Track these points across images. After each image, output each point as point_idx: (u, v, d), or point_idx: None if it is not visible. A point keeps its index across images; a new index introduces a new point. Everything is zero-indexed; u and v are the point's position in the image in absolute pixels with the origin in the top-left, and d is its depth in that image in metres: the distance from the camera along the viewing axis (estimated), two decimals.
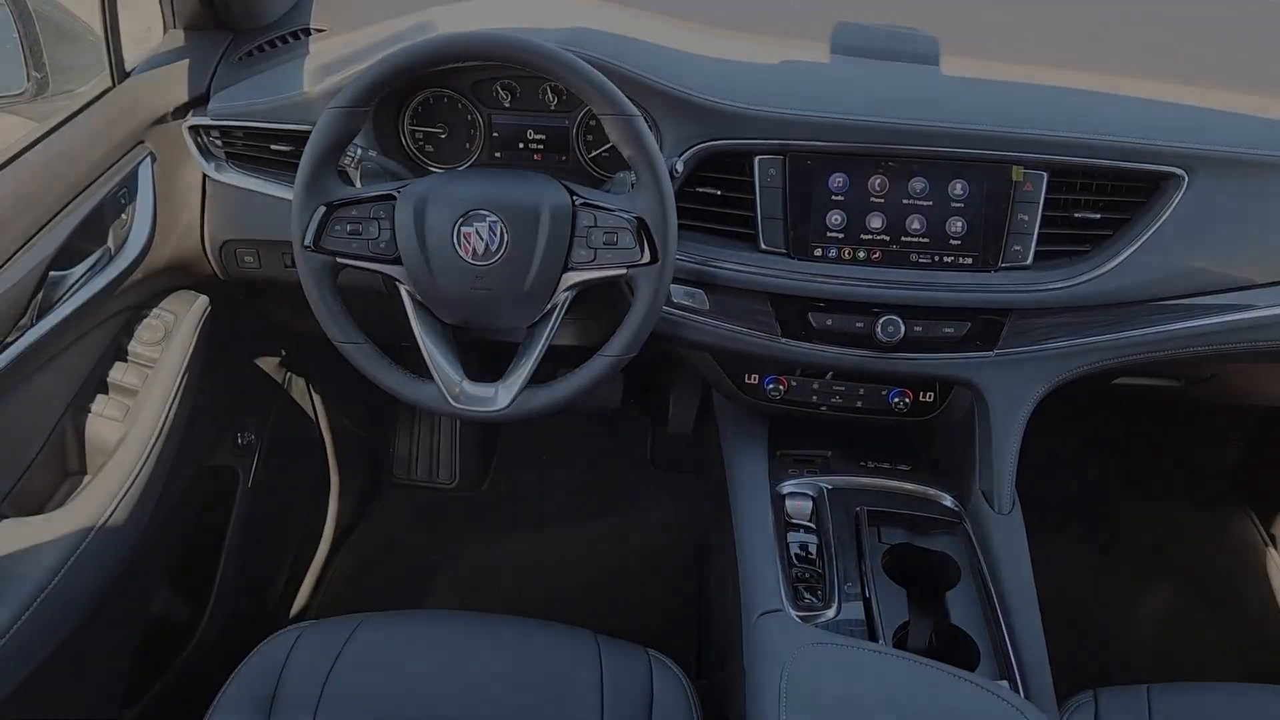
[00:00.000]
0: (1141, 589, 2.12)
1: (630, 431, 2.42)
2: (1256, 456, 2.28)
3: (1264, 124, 1.31)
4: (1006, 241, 1.26)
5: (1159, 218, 1.26)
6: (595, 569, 2.14)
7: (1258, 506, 2.24)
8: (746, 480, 1.39)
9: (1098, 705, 1.19)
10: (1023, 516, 1.32)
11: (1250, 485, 2.28)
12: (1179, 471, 2.36)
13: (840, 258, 1.29)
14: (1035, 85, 1.35)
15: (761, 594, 1.18)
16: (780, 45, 1.41)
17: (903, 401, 1.42)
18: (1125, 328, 1.30)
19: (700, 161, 1.27)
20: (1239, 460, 2.32)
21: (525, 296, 1.17)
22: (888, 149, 1.25)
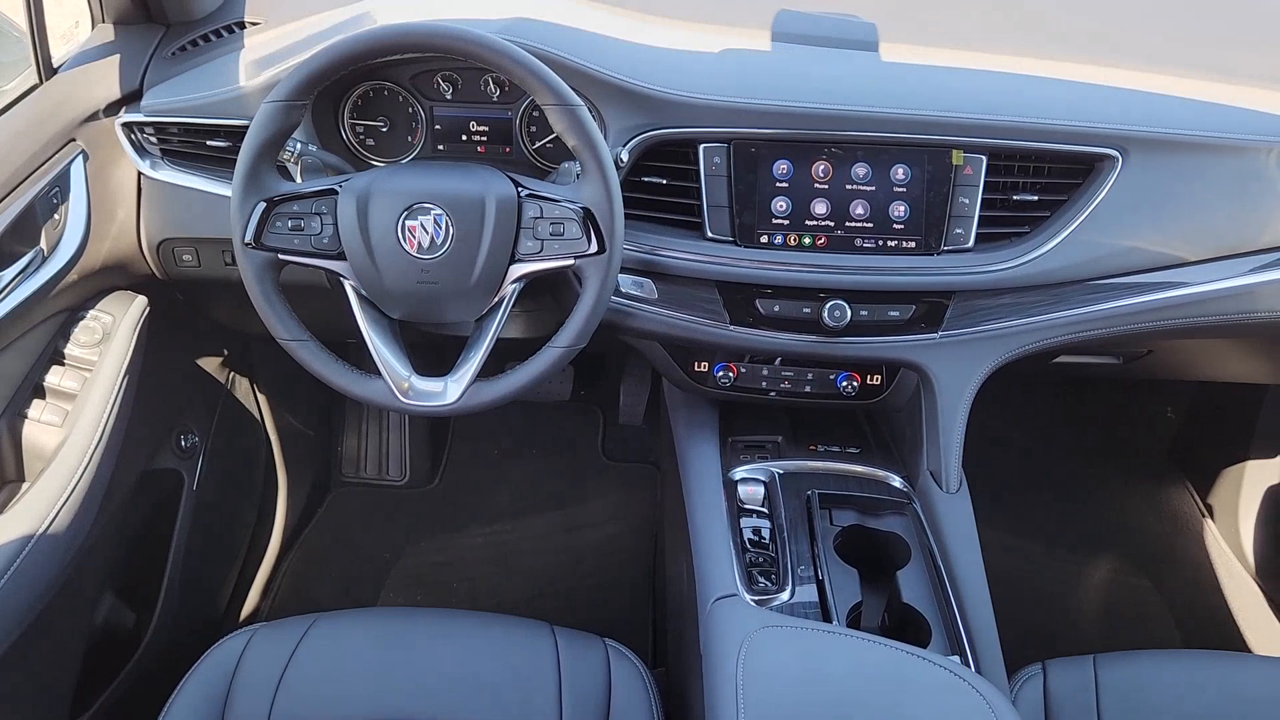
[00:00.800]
0: (1086, 562, 2.17)
1: (581, 423, 2.42)
2: (1192, 430, 2.34)
3: (1196, 106, 1.34)
4: (948, 225, 1.28)
5: (1095, 198, 1.29)
6: (549, 561, 2.14)
7: (1194, 478, 2.31)
8: (698, 467, 1.40)
9: (1046, 676, 1.22)
10: (970, 495, 1.35)
11: (1186, 458, 2.34)
12: (1118, 446, 2.42)
13: (786, 244, 1.30)
14: (973, 70, 1.37)
15: (716, 579, 1.19)
16: (721, 33, 1.42)
17: (851, 385, 1.43)
18: (1065, 307, 1.33)
19: (645, 151, 1.27)
20: (1175, 434, 2.38)
21: (472, 289, 1.16)
22: (830, 135, 1.26)
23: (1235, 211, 1.32)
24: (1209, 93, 1.36)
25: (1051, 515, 2.26)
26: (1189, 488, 2.31)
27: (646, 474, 2.31)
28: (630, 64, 1.28)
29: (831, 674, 0.98)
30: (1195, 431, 2.33)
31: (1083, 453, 2.42)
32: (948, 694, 0.96)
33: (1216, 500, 2.23)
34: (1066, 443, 2.44)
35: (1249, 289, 1.34)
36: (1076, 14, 1.63)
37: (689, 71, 1.30)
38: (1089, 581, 2.14)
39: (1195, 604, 2.07)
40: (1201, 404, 2.30)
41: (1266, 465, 2.09)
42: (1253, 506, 2.12)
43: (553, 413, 2.43)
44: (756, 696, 0.92)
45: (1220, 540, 2.19)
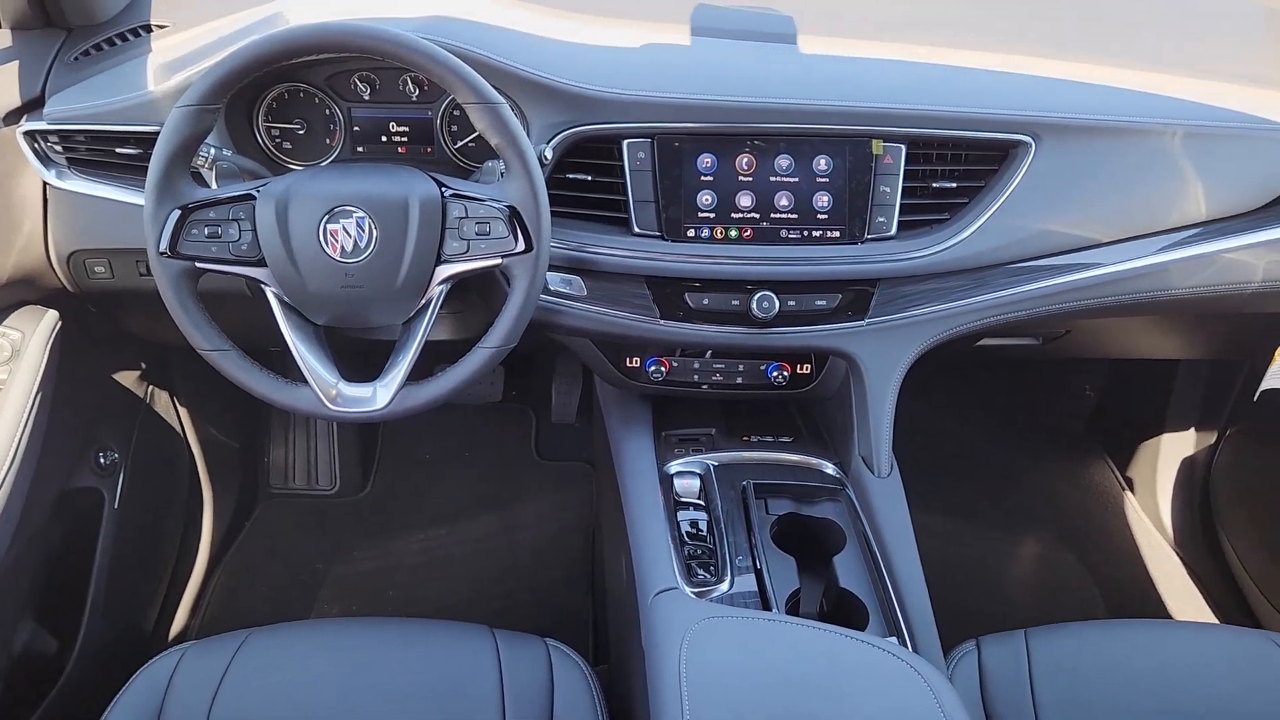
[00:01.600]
0: (1014, 539, 2.22)
1: (514, 423, 2.41)
2: (1110, 406, 2.41)
3: (1105, 91, 1.38)
4: (871, 213, 1.30)
5: (1010, 184, 1.32)
6: (487, 564, 2.12)
7: (1113, 453, 2.38)
8: (634, 463, 1.40)
9: (980, 652, 1.25)
10: (901, 479, 1.37)
11: (1105, 433, 2.42)
12: (1041, 425, 2.49)
13: (713, 237, 1.30)
14: (891, 61, 1.40)
15: (655, 574, 1.19)
16: (642, 29, 1.41)
17: (781, 375, 1.45)
18: (986, 291, 1.36)
19: (569, 147, 1.27)
20: (1094, 410, 2.46)
21: (398, 292, 1.15)
22: (753, 128, 1.27)
23: (1144, 193, 1.36)
24: (1117, 78, 1.40)
25: (980, 495, 2.31)
26: (1109, 462, 2.38)
27: (582, 472, 2.30)
28: (552, 61, 1.27)
29: (773, 661, 0.98)
30: (1113, 407, 2.41)
31: (1007, 433, 2.48)
32: (886, 674, 0.98)
33: (1135, 473, 2.30)
34: (991, 423, 2.50)
35: (1159, 267, 1.38)
36: (990, 5, 1.67)
37: (611, 67, 1.30)
38: (1018, 558, 2.20)
39: (1119, 575, 2.13)
40: (1118, 381, 2.38)
41: (1181, 437, 2.17)
42: (1169, 478, 2.19)
43: (484, 414, 2.41)
44: (700, 688, 0.93)
45: (1140, 512, 2.26)
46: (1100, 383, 2.43)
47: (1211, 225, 1.40)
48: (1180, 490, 2.17)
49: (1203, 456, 2.12)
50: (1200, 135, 1.36)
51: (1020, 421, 2.50)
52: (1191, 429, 2.15)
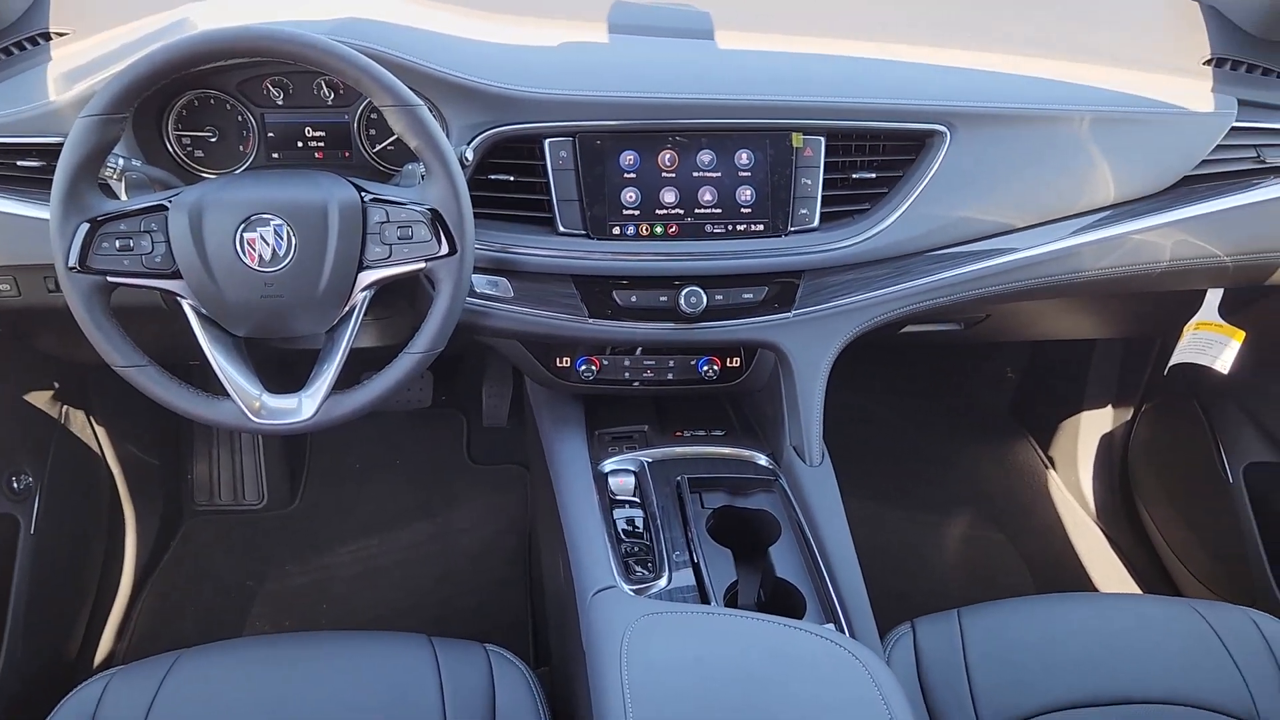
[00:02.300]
0: (944, 522, 2.27)
1: (444, 429, 2.38)
2: (1030, 387, 2.48)
3: (1016, 80, 1.42)
4: (793, 206, 1.31)
5: (928, 173, 1.34)
6: (423, 571, 2.10)
7: (1035, 432, 2.44)
8: (568, 463, 1.40)
9: (915, 634, 1.27)
10: (833, 466, 1.39)
11: (1027, 414, 2.48)
12: (965, 408, 2.54)
13: (638, 234, 1.30)
14: (808, 55, 1.41)
15: (593, 573, 1.19)
16: (559, 28, 1.41)
17: (711, 369, 1.46)
18: (908, 278, 1.38)
19: (490, 148, 1.26)
20: (1016, 392, 2.52)
21: (320, 300, 1.12)
22: (674, 124, 1.28)
23: (1055, 178, 1.40)
24: (1028, 67, 1.44)
25: (909, 479, 2.36)
26: (1031, 442, 2.45)
27: (515, 475, 2.29)
28: (469, 61, 1.26)
29: (713, 654, 0.99)
30: (1033, 388, 2.47)
31: (933, 417, 2.53)
32: (825, 660, 0.99)
33: (1057, 451, 2.36)
34: (918, 409, 2.54)
35: (1072, 250, 1.42)
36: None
37: (529, 67, 1.29)
38: (948, 539, 2.24)
39: (1045, 551, 2.19)
40: (1037, 362, 2.44)
41: (1099, 415, 2.24)
42: (1089, 454, 2.26)
43: (414, 420, 2.38)
44: (642, 685, 0.93)
45: (1063, 488, 2.33)
46: (1021, 365, 2.49)
47: (1120, 208, 1.44)
48: (1100, 466, 2.24)
49: (1120, 432, 2.19)
50: (1107, 121, 1.40)
51: (945, 405, 2.55)
52: (1109, 406, 2.22)
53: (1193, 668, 1.21)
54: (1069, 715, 1.16)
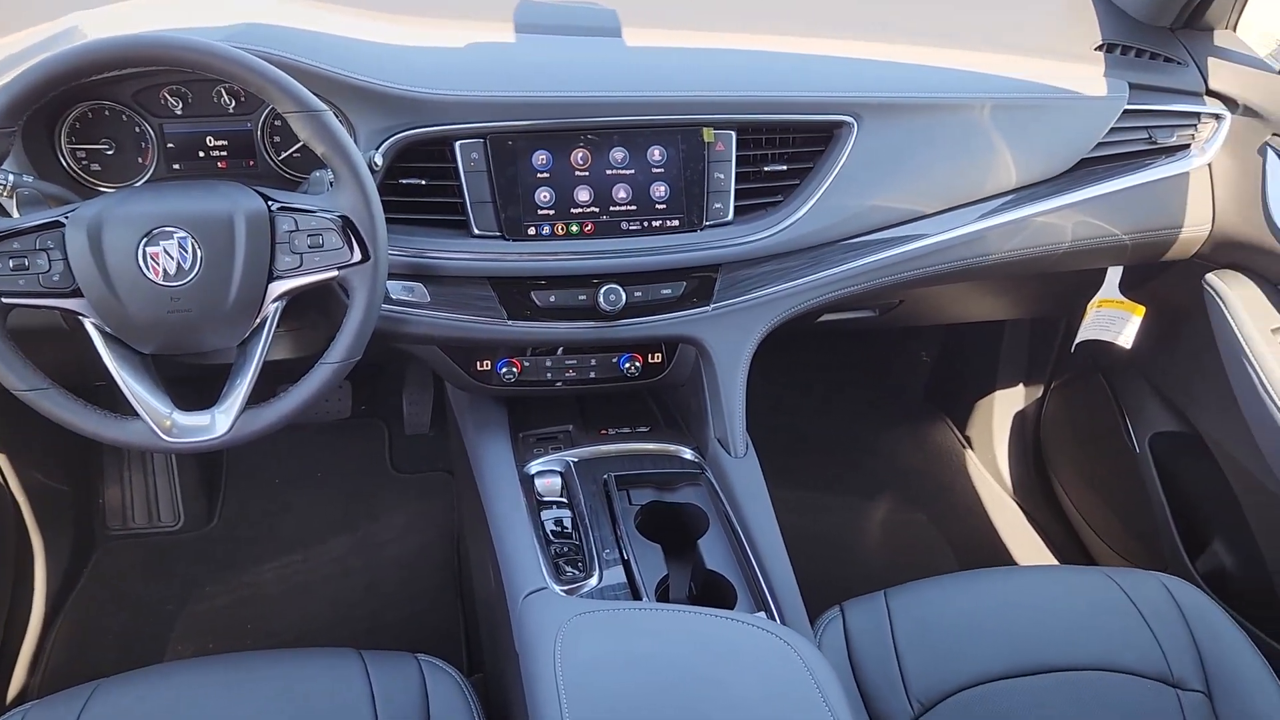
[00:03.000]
0: (868, 505, 2.31)
1: (365, 438, 2.34)
2: (944, 369, 2.54)
3: (920, 70, 1.45)
4: (707, 200, 1.32)
5: (837, 163, 1.36)
6: (350, 585, 2.06)
7: (951, 414, 2.50)
8: (493, 467, 1.38)
9: (845, 617, 1.29)
10: (757, 457, 1.40)
11: (943, 396, 2.54)
12: (883, 393, 2.59)
13: (554, 234, 1.30)
14: (716, 49, 1.42)
15: (523, 575, 1.18)
16: (465, 29, 1.39)
17: (634, 366, 1.46)
18: (823, 268, 1.41)
19: (399, 152, 1.24)
20: (931, 375, 2.57)
21: (230, 313, 1.10)
22: (585, 123, 1.27)
23: (961, 164, 1.43)
24: (931, 57, 1.47)
25: (832, 466, 2.39)
26: (948, 423, 2.51)
27: (440, 481, 2.26)
28: (374, 64, 1.24)
29: (647, 650, 0.99)
30: (948, 371, 2.53)
31: (853, 404, 2.57)
32: (758, 648, 1.00)
33: (973, 431, 2.42)
34: (838, 396, 2.58)
35: (979, 234, 1.46)
36: None
37: (437, 68, 1.27)
38: (873, 523, 2.28)
39: (966, 529, 2.25)
40: (951, 345, 2.50)
41: (1011, 394, 2.30)
42: (1004, 433, 2.32)
43: (334, 432, 2.33)
44: (577, 684, 0.93)
45: (980, 467, 2.39)
46: (935, 348, 2.54)
47: (1023, 191, 1.49)
48: (1015, 443, 2.30)
49: (1032, 410, 2.25)
50: (1007, 107, 1.44)
51: (864, 392, 2.60)
52: (1020, 385, 2.28)
53: (1110, 634, 1.25)
54: (994, 687, 1.19)
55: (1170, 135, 1.56)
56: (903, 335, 2.54)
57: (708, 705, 0.93)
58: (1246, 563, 1.63)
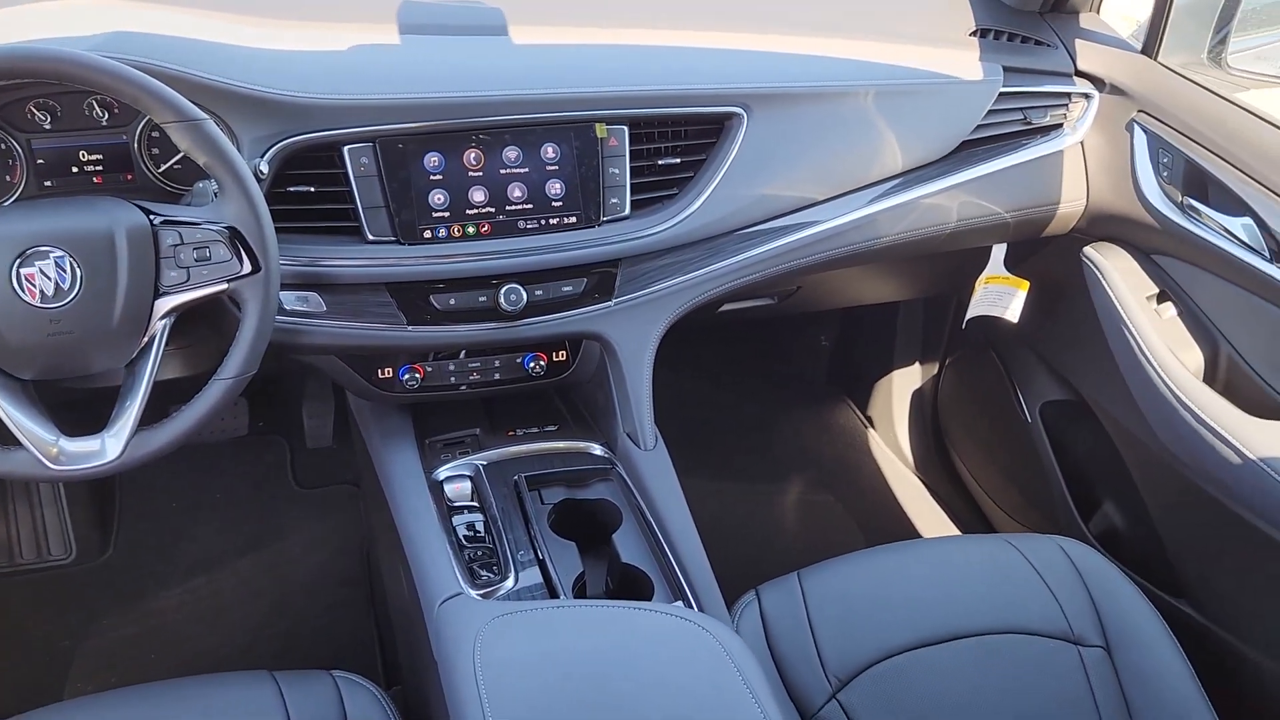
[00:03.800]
0: (778, 490, 2.35)
1: (266, 455, 2.28)
2: (844, 352, 2.59)
3: (807, 60, 1.48)
4: (604, 196, 1.32)
5: (729, 155, 1.38)
6: (259, 606, 2.01)
7: (853, 395, 2.56)
8: (400, 475, 1.36)
9: (760, 600, 1.31)
10: (667, 448, 1.41)
11: (843, 378, 2.59)
12: (786, 379, 2.64)
13: (450, 236, 1.28)
14: (606, 45, 1.42)
15: (438, 583, 1.17)
16: (346, 31, 1.36)
17: (538, 365, 1.45)
18: (720, 258, 1.42)
19: (286, 159, 1.21)
20: (831, 358, 2.63)
21: (115, 333, 1.05)
22: (475, 122, 1.26)
23: (848, 150, 1.47)
24: (816, 47, 1.50)
25: (741, 453, 2.42)
26: (850, 404, 2.56)
27: (346, 494, 2.21)
28: (254, 70, 1.21)
29: (566, 646, 0.99)
30: (847, 353, 2.58)
31: (758, 391, 2.61)
32: (677, 637, 1.01)
33: (874, 411, 2.48)
34: (743, 384, 2.62)
35: (870, 218, 1.50)
36: None
37: (320, 72, 1.25)
38: (784, 506, 2.32)
39: (872, 506, 2.30)
40: (848, 328, 2.55)
41: (908, 372, 2.36)
42: (903, 411, 2.38)
43: (232, 450, 2.26)
44: (498, 688, 0.92)
45: (882, 445, 2.45)
46: (833, 332, 2.60)
47: (909, 175, 1.53)
48: (914, 420, 2.37)
49: (929, 386, 2.32)
50: (890, 94, 1.48)
51: (767, 379, 2.64)
52: (916, 363, 2.35)
53: (1012, 597, 1.29)
54: (907, 657, 1.22)
55: (1044, 115, 1.62)
56: (802, 321, 2.58)
57: (631, 696, 0.93)
58: (1135, 521, 1.71)
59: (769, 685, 0.96)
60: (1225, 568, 1.50)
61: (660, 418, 1.44)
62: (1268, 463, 1.32)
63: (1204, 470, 1.45)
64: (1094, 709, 1.20)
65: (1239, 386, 1.46)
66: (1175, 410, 1.46)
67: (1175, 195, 1.52)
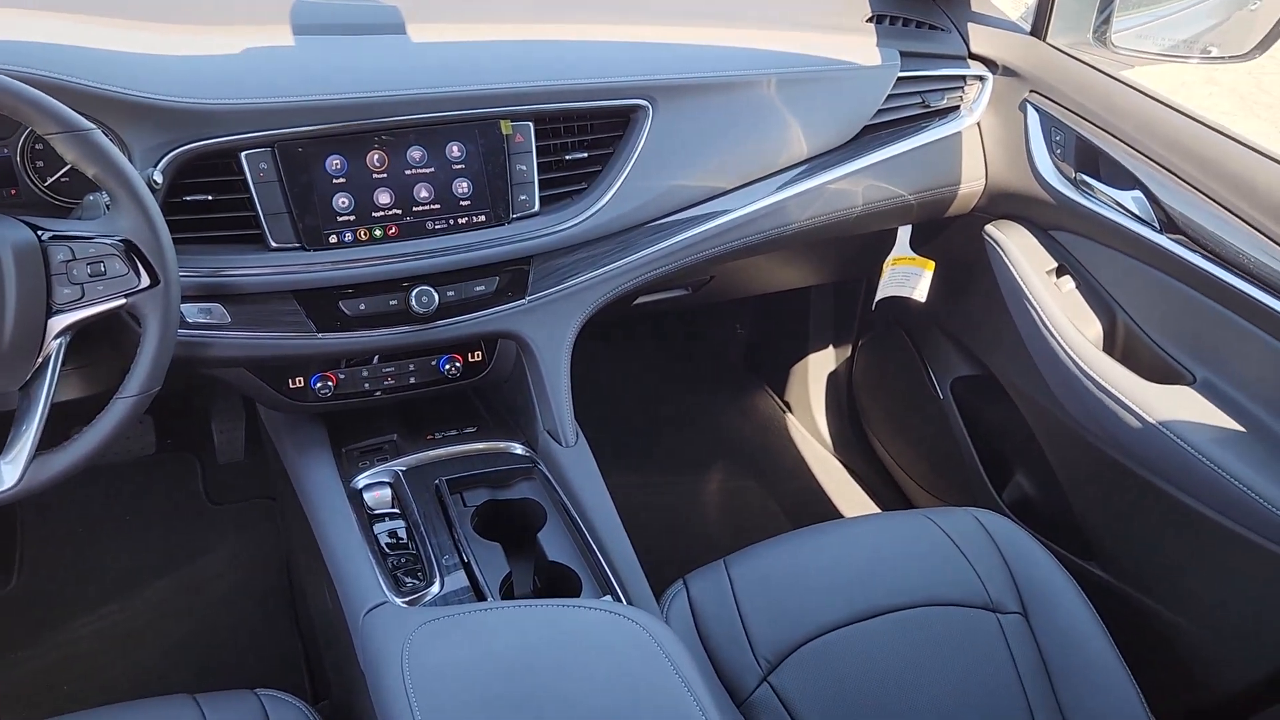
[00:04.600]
0: (701, 479, 2.36)
1: (176, 473, 2.21)
2: (760, 339, 2.62)
3: (710, 50, 1.49)
4: (512, 193, 1.31)
5: (636, 147, 1.38)
6: (178, 628, 1.95)
7: (770, 381, 2.59)
8: (317, 486, 1.34)
9: (689, 589, 1.32)
10: (588, 443, 1.41)
11: (761, 365, 2.62)
12: (704, 369, 2.66)
13: (357, 240, 1.26)
14: (508, 41, 1.41)
15: (361, 593, 1.15)
16: (237, 34, 1.32)
17: (454, 367, 1.44)
18: (632, 251, 1.42)
19: (181, 167, 1.17)
20: (747, 346, 2.66)
21: (6, 356, 1.01)
22: (377, 123, 1.24)
23: (754, 139, 1.48)
24: (720, 37, 1.51)
25: (663, 444, 2.44)
26: (768, 390, 2.59)
27: (263, 509, 2.16)
28: (143, 77, 1.16)
29: (496, 648, 0.98)
30: (763, 340, 2.61)
31: (677, 382, 2.62)
32: (606, 631, 1.01)
33: (791, 395, 2.52)
34: (662, 376, 2.63)
35: (779, 205, 1.52)
36: None
37: (213, 77, 1.21)
38: (709, 495, 2.34)
39: (794, 489, 2.33)
40: (763, 315, 2.58)
41: (823, 356, 2.40)
42: (820, 393, 2.42)
43: (141, 470, 2.19)
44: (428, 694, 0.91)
45: (801, 429, 2.48)
46: (749, 320, 2.63)
47: (815, 161, 1.55)
48: (830, 403, 2.41)
49: (843, 369, 2.36)
50: (792, 81, 1.50)
51: (687, 369, 2.66)
52: (830, 346, 2.38)
53: (932, 571, 1.32)
54: (834, 635, 1.24)
55: (941, 98, 1.66)
56: (717, 310, 2.61)
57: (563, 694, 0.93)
58: (1046, 489, 1.77)
59: (700, 673, 0.97)
60: (1131, 528, 1.56)
61: (580, 413, 1.43)
62: (1166, 426, 1.38)
63: (1107, 436, 1.50)
64: (1014, 672, 1.23)
65: (1137, 354, 1.52)
66: (1078, 380, 1.51)
67: (1069, 172, 1.57)
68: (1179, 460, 1.37)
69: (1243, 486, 1.29)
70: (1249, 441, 1.34)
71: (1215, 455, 1.33)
